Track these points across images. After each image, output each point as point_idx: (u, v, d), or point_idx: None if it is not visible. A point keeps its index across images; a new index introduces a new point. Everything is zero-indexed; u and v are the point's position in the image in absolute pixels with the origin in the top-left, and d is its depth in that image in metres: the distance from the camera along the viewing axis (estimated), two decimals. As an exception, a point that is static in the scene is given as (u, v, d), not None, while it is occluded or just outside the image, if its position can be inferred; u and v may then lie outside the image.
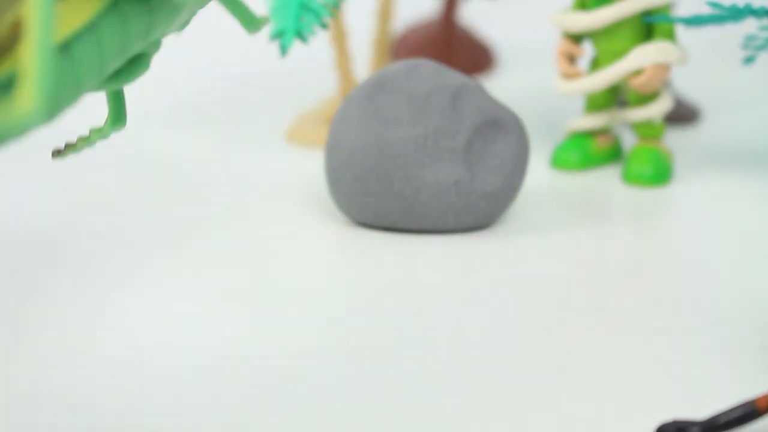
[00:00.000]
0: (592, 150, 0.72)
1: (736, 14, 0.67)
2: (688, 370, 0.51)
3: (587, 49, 0.73)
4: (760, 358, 0.52)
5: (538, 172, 0.72)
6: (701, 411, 0.48)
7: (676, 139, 0.76)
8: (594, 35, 0.71)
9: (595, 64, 0.71)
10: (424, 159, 0.62)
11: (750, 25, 0.91)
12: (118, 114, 0.53)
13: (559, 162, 0.72)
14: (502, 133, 0.64)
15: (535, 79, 0.84)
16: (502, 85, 0.85)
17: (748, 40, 0.71)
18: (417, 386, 0.50)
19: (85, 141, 0.53)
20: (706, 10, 0.70)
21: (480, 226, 0.64)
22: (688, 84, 0.83)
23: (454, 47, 0.88)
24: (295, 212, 0.66)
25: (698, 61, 0.86)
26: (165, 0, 0.47)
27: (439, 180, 0.62)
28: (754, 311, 0.56)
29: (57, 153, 0.53)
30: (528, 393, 0.49)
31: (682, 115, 0.79)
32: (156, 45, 0.51)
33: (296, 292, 0.57)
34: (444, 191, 0.62)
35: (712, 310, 0.56)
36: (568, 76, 0.71)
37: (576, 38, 0.71)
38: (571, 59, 0.71)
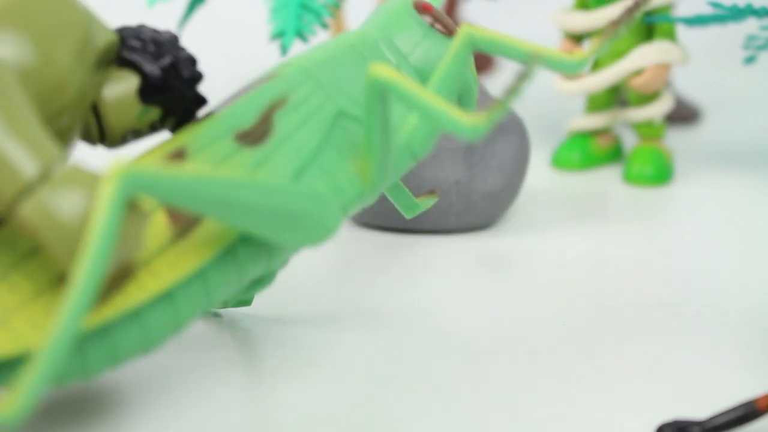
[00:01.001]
0: (592, 150, 0.72)
1: (737, 14, 0.67)
2: (688, 369, 0.51)
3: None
4: (760, 358, 0.52)
5: (539, 172, 0.72)
6: (701, 411, 0.48)
7: (676, 139, 0.76)
8: (595, 35, 0.71)
9: (596, 64, 0.71)
10: (425, 159, 0.62)
11: (751, 24, 0.91)
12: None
13: (559, 162, 0.72)
14: (502, 133, 0.64)
15: (535, 79, 0.84)
16: (502, 85, 0.85)
17: (749, 40, 0.71)
18: (417, 385, 0.50)
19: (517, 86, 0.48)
20: (707, 9, 0.70)
21: (480, 226, 0.64)
22: (688, 84, 0.83)
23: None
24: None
25: (698, 61, 0.86)
26: (281, 249, 0.48)
27: (440, 180, 0.62)
28: (755, 311, 0.56)
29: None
30: (528, 392, 0.49)
31: (683, 115, 0.79)
32: (283, 263, 0.50)
33: (296, 291, 0.57)
34: (444, 191, 0.62)
35: (713, 310, 0.56)
36: (569, 76, 0.71)
37: (576, 38, 0.71)
38: (572, 59, 0.71)
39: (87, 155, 0.73)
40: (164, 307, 0.44)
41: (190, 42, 0.92)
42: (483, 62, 0.89)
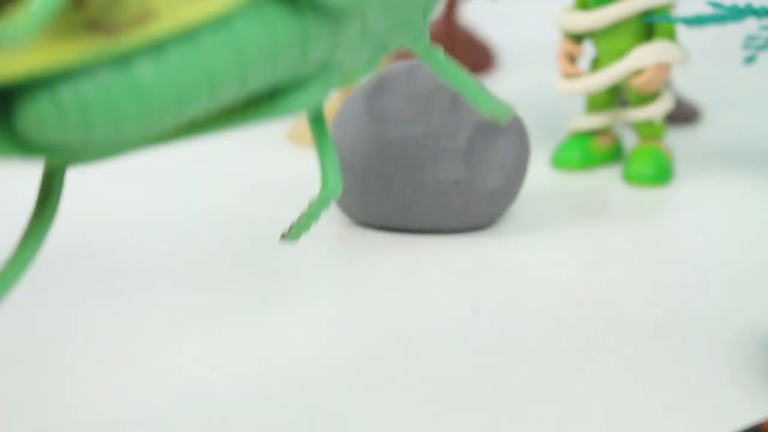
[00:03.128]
0: (592, 150, 0.72)
1: (736, 14, 0.67)
2: (687, 369, 0.51)
3: (588, 49, 0.73)
4: (759, 357, 0.52)
5: (539, 172, 0.72)
6: (701, 410, 0.48)
7: (676, 139, 0.76)
8: (595, 35, 0.71)
9: (596, 64, 0.71)
10: (425, 159, 0.62)
11: (751, 24, 0.91)
12: (331, 178, 0.50)
13: (560, 162, 0.72)
14: (502, 133, 0.64)
15: (535, 79, 0.84)
16: (502, 85, 0.85)
17: (749, 40, 0.71)
18: (418, 386, 0.50)
19: (308, 216, 0.51)
20: (706, 9, 0.70)
21: (481, 226, 0.64)
22: (688, 84, 0.83)
23: (455, 47, 0.88)
24: (295, 212, 0.66)
25: (698, 61, 0.86)
26: (316, 6, 0.44)
27: (440, 180, 0.62)
28: (756, 311, 0.56)
29: (284, 236, 0.53)
30: (526, 393, 0.49)
31: (683, 114, 0.79)
32: (327, 69, 0.46)
33: (296, 291, 0.57)
34: (445, 191, 0.62)
35: (713, 311, 0.56)
36: (569, 75, 0.71)
37: (577, 38, 0.71)
38: (572, 59, 0.71)
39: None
40: (188, 47, 0.41)
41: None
42: (483, 61, 0.89)
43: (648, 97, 0.70)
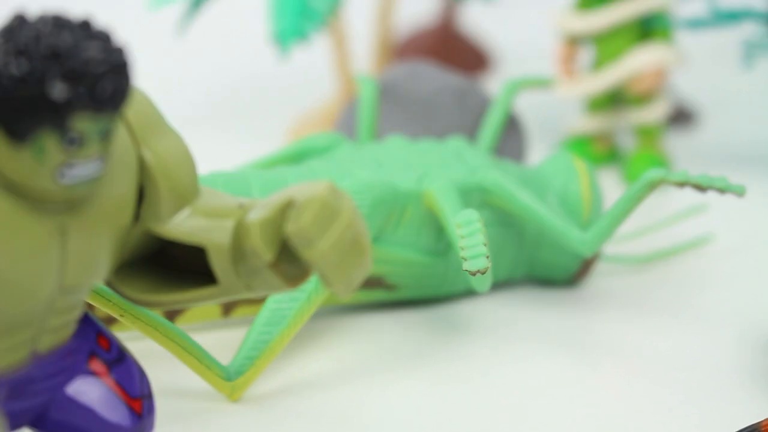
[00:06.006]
0: (591, 152, 0.72)
1: (735, 17, 0.68)
2: (686, 369, 0.51)
3: (587, 52, 0.73)
4: (759, 358, 0.52)
5: (538, 173, 0.72)
6: (698, 410, 0.48)
7: (676, 140, 0.76)
8: (594, 38, 0.71)
9: (595, 67, 0.72)
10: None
11: (749, 27, 0.91)
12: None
13: (558, 163, 0.72)
14: (505, 130, 0.64)
15: (534, 80, 0.84)
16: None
17: (747, 43, 0.71)
18: (416, 388, 0.50)
19: None
20: (706, 12, 0.70)
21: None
22: (688, 85, 0.84)
23: (453, 49, 0.88)
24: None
25: (698, 62, 0.87)
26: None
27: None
28: (755, 312, 0.56)
29: None
30: (524, 389, 0.49)
31: (682, 116, 0.79)
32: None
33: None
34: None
35: (713, 312, 0.56)
36: (568, 78, 0.71)
37: (576, 40, 0.71)
38: (571, 62, 0.71)
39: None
40: None
41: (190, 43, 0.92)
42: (481, 62, 0.89)
43: (646, 100, 0.71)
